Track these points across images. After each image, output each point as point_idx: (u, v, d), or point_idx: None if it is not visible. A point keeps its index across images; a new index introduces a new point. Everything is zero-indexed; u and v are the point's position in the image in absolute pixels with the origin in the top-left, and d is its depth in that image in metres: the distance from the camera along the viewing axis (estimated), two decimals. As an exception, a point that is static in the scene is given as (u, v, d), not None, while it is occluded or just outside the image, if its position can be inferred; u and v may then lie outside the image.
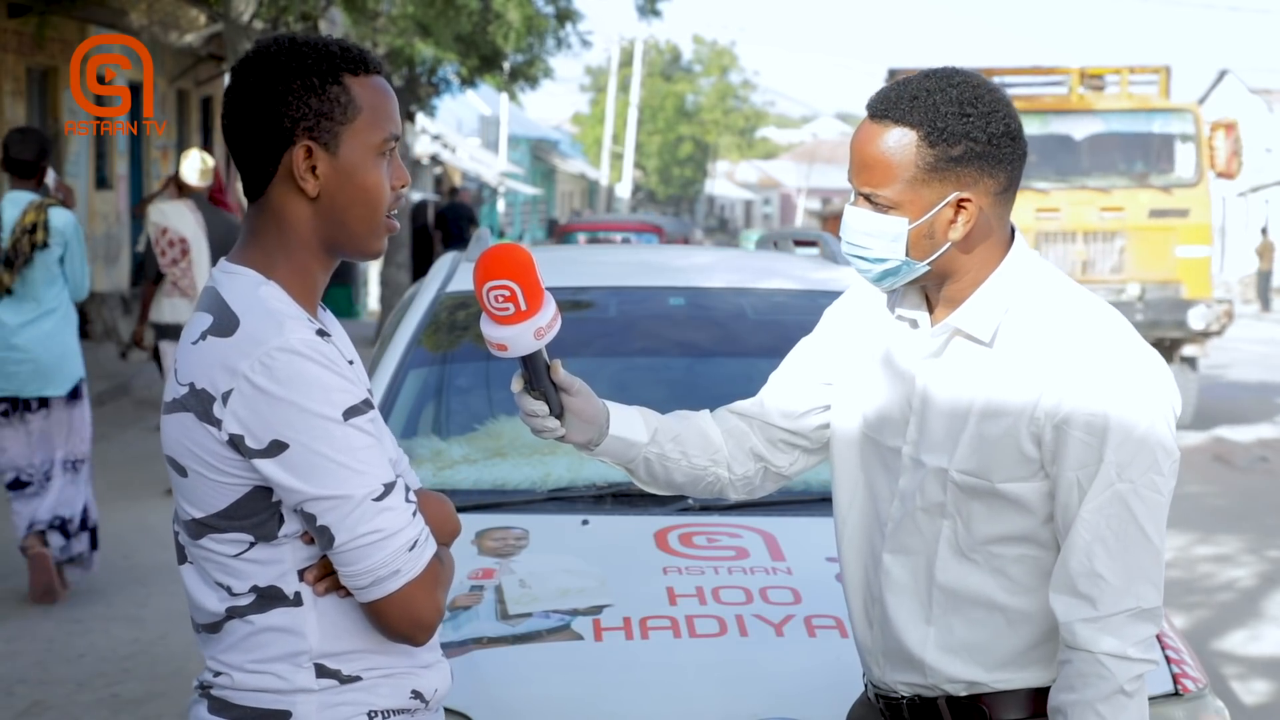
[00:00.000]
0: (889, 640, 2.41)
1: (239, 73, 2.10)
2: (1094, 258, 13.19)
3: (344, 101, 2.08)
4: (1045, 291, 2.31)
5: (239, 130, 2.10)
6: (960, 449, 2.30)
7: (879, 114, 2.30)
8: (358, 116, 2.08)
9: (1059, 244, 13.20)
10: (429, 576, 2.06)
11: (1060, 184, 13.36)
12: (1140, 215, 13.28)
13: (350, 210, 2.10)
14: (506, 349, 2.31)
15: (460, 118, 40.41)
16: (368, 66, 2.11)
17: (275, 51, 2.08)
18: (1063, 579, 2.24)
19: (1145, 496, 2.22)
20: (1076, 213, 13.26)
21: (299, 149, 2.07)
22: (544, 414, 2.42)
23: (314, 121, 2.06)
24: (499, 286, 2.26)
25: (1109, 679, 2.20)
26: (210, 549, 2.07)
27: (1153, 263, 13.17)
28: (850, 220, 2.34)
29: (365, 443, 2.01)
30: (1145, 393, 2.23)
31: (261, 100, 2.07)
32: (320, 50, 2.08)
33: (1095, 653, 2.21)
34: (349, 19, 15.31)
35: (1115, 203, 13.31)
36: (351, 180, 2.09)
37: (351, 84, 2.09)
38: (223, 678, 2.10)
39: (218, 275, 2.12)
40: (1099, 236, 13.28)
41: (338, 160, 2.08)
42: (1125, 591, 2.21)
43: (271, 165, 2.08)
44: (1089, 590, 2.22)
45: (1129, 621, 2.21)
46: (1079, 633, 2.22)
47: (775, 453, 2.60)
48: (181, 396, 2.04)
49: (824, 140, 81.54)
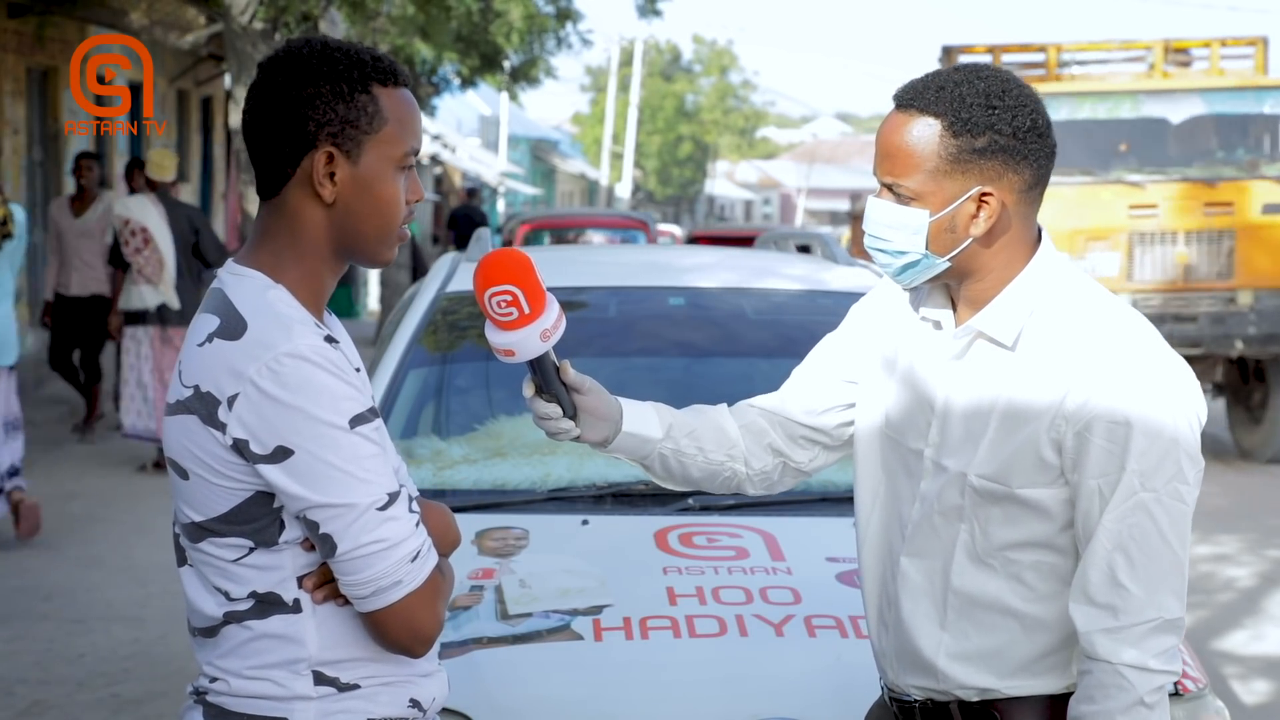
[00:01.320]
0: (902, 644, 2.39)
1: (267, 70, 2.08)
2: (1197, 261, 11.30)
3: (371, 111, 2.06)
4: (1070, 295, 2.29)
5: (260, 129, 2.08)
6: (980, 453, 2.28)
7: (905, 103, 2.28)
8: (383, 127, 2.07)
9: (1156, 246, 11.32)
10: (430, 588, 2.04)
11: (1156, 176, 11.44)
12: (1252, 211, 11.29)
13: (365, 220, 2.09)
14: (514, 354, 2.29)
15: (460, 118, 40.39)
16: (397, 79, 2.10)
17: (307, 54, 2.06)
18: (1083, 589, 2.21)
19: (1169, 505, 2.19)
20: (1177, 209, 11.31)
21: (320, 154, 2.05)
22: (557, 416, 2.40)
23: (339, 128, 2.05)
24: (501, 292, 2.25)
25: (1129, 690, 2.17)
26: (209, 553, 2.06)
27: (1267, 266, 11.24)
28: (872, 212, 2.32)
29: (371, 451, 2.00)
30: (1170, 400, 2.20)
31: (288, 101, 2.05)
32: (352, 57, 2.07)
33: (1116, 664, 2.18)
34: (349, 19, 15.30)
35: (1222, 197, 11.31)
36: (369, 190, 2.08)
37: (380, 94, 2.07)
38: (219, 683, 2.08)
39: (225, 276, 2.10)
40: (1203, 236, 11.31)
41: (358, 169, 2.07)
42: (1147, 602, 2.18)
43: (290, 167, 2.07)
44: (1110, 600, 2.19)
45: (1151, 633, 2.19)
46: (1099, 643, 2.19)
47: (795, 449, 2.58)
48: (186, 399, 2.02)
49: (824, 140, 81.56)
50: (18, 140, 13.94)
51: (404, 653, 2.08)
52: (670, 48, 64.84)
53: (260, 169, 2.10)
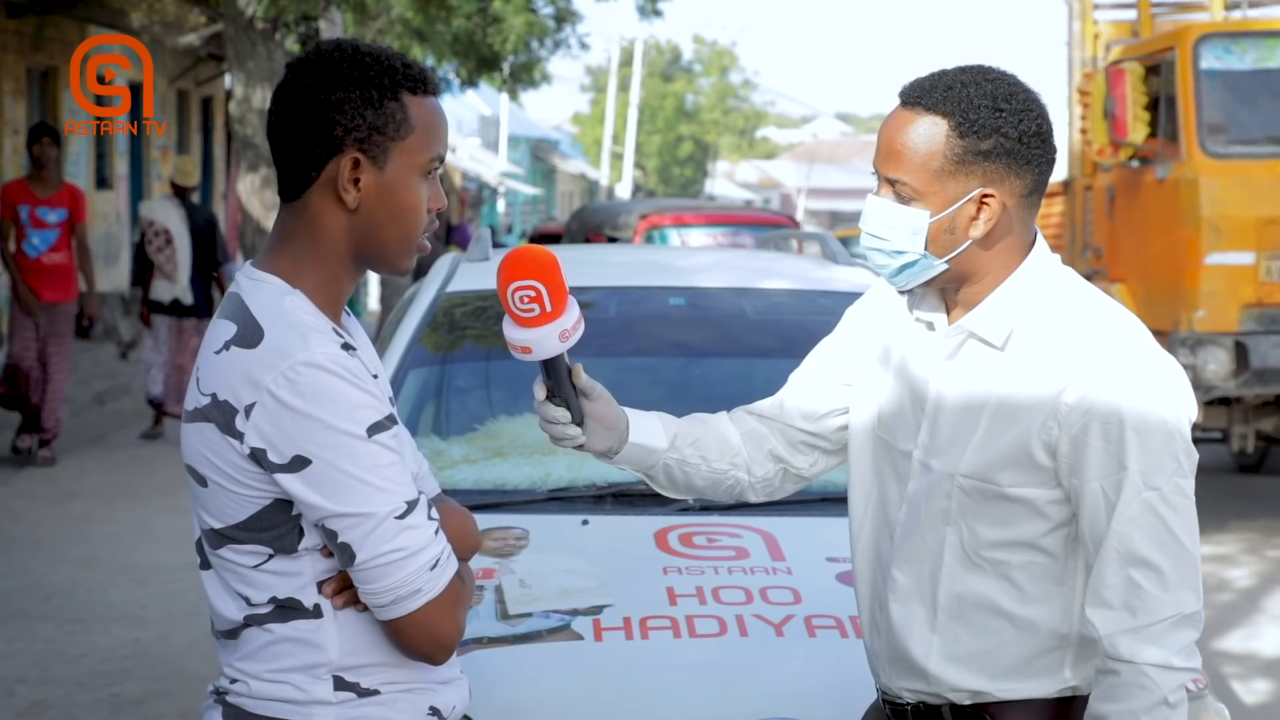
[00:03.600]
0: (894, 647, 2.38)
1: (296, 72, 2.06)
2: None
3: (399, 119, 2.05)
4: (1062, 296, 2.28)
5: (286, 131, 2.06)
6: (968, 453, 2.28)
7: (911, 101, 2.27)
8: (410, 135, 2.06)
9: None
10: (450, 595, 2.03)
11: None
12: None
13: (387, 227, 2.07)
14: (531, 351, 2.28)
15: (460, 118, 40.38)
16: (427, 86, 2.09)
17: (338, 58, 2.05)
18: (1099, 593, 2.20)
19: (1174, 501, 2.19)
20: None
21: (346, 159, 2.04)
22: (565, 421, 2.38)
23: (366, 134, 2.03)
24: (525, 287, 2.24)
25: (1153, 690, 2.16)
26: (229, 559, 2.05)
27: None
28: (870, 210, 2.30)
29: (389, 459, 1.99)
30: (1162, 397, 2.20)
31: (316, 105, 2.03)
32: (383, 63, 2.06)
33: (1140, 664, 2.17)
34: (349, 20, 15.30)
35: None
36: (393, 197, 2.06)
37: (409, 102, 2.06)
38: (239, 685, 2.08)
39: (243, 281, 2.09)
40: None
41: (383, 176, 2.05)
42: (1165, 599, 2.18)
43: (315, 171, 2.05)
44: (1128, 601, 2.18)
45: (1171, 629, 2.18)
46: (1122, 644, 2.18)
47: (795, 454, 2.57)
48: (203, 406, 2.01)
49: (824, 140, 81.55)
50: (18, 140, 13.94)
51: (425, 660, 2.07)
52: (670, 48, 64.86)
53: (283, 171, 2.08)
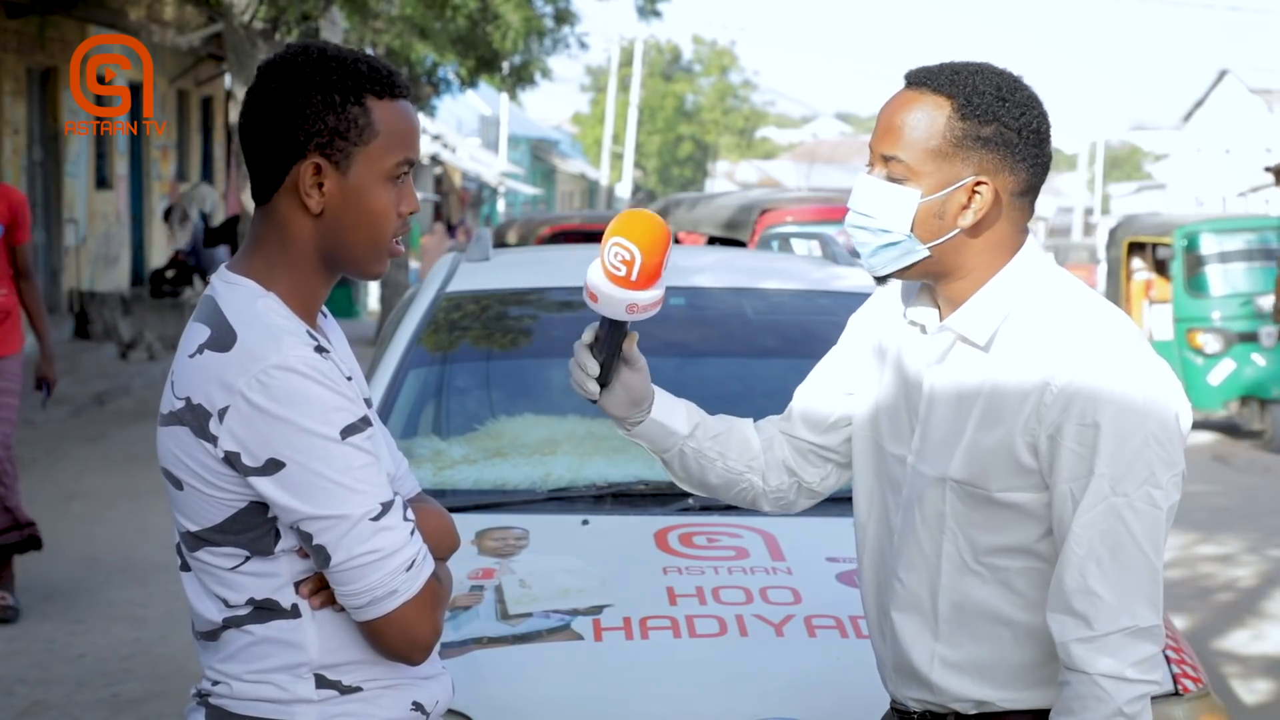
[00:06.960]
0: (899, 656, 2.37)
1: (263, 76, 2.06)
2: None
3: (362, 123, 2.04)
4: (1051, 296, 2.25)
5: (254, 134, 2.07)
6: (957, 457, 2.26)
7: (917, 81, 2.26)
8: (374, 140, 2.04)
9: None
10: (426, 596, 2.04)
11: None
12: None
13: (353, 232, 2.07)
14: (597, 300, 2.33)
15: (460, 118, 40.39)
16: (394, 90, 2.07)
17: (302, 62, 2.04)
18: (1058, 596, 2.18)
19: (1141, 510, 2.15)
20: None
21: (308, 164, 2.03)
22: (592, 375, 2.40)
23: (328, 139, 2.03)
24: (623, 247, 2.27)
25: (1107, 701, 2.13)
26: (206, 561, 2.06)
27: None
28: (860, 188, 2.28)
29: (363, 461, 1.99)
30: (1142, 402, 2.15)
31: (278, 109, 2.03)
32: (347, 67, 2.04)
33: (1091, 674, 2.14)
34: (349, 19, 15.30)
35: None
36: (358, 202, 2.05)
37: (374, 106, 2.05)
38: (221, 686, 2.08)
39: (217, 284, 2.09)
40: None
41: (346, 181, 2.04)
42: (1120, 609, 2.14)
43: (280, 175, 2.05)
44: (1083, 608, 2.15)
45: (1126, 641, 2.14)
46: (1075, 653, 2.15)
47: (806, 466, 2.55)
48: (178, 410, 2.02)
49: (824, 140, 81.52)
50: (18, 140, 13.96)
51: (402, 660, 2.08)
52: (670, 48, 64.84)
53: (253, 174, 2.09)
